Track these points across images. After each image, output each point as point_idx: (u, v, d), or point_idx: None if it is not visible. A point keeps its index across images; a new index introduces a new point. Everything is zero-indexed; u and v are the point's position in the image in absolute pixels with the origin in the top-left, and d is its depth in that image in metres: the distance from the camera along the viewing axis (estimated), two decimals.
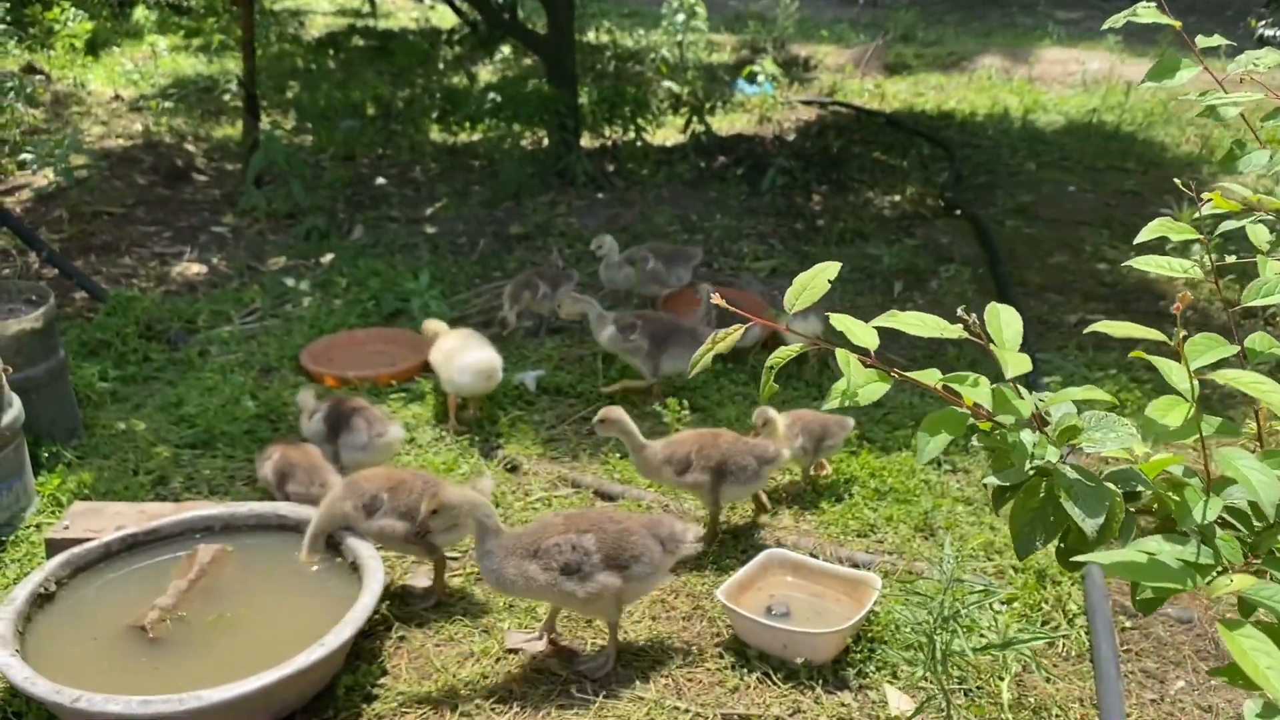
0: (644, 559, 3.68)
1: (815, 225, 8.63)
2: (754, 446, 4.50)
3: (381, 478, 4.12)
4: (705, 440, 4.47)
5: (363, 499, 4.00)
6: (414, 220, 8.66)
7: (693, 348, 5.44)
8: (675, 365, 5.61)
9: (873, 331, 1.81)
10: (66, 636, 3.60)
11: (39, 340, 4.92)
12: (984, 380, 1.80)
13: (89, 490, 4.72)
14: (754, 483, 4.49)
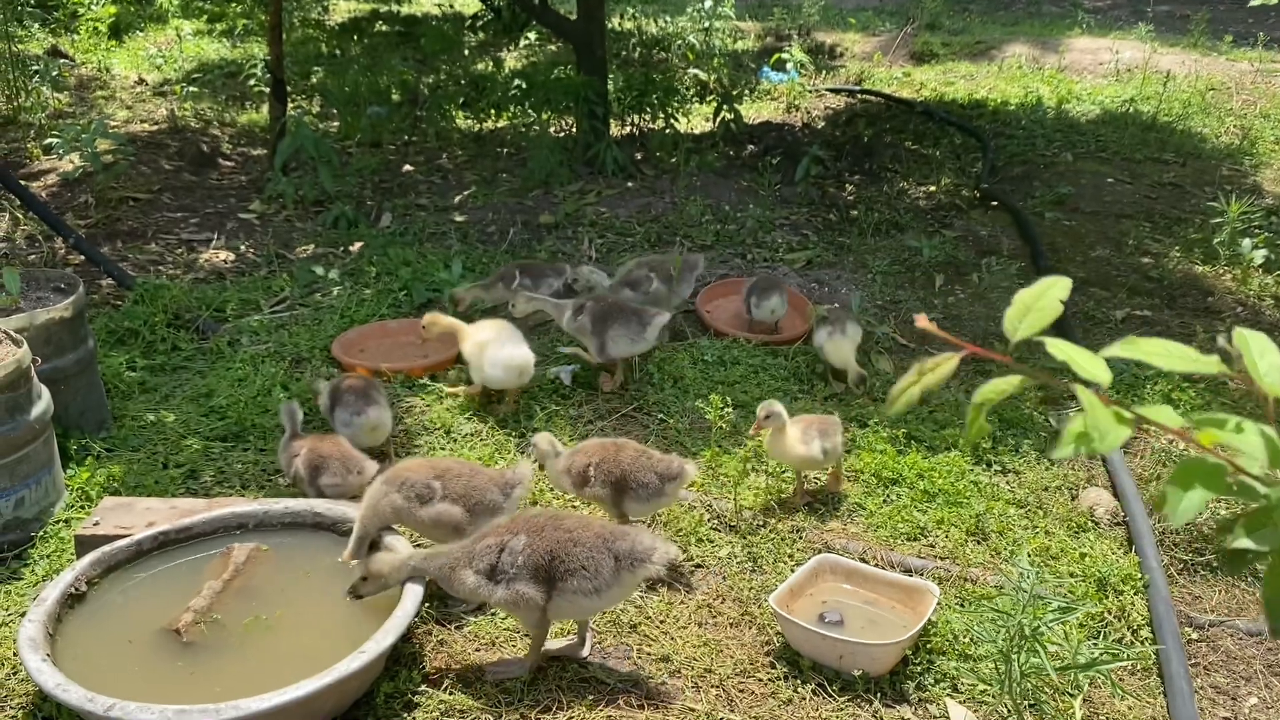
0: (584, 573, 3.40)
1: (849, 216, 8.45)
2: (657, 462, 4.21)
3: (425, 467, 4.01)
4: (607, 452, 4.24)
5: (414, 489, 3.89)
6: (442, 208, 8.53)
7: (635, 328, 5.41)
8: (620, 347, 5.48)
9: (1101, 363, 1.46)
10: (98, 639, 3.49)
11: (68, 330, 4.81)
12: (1250, 425, 1.40)
13: (118, 484, 4.62)
14: (658, 499, 4.20)
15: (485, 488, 3.99)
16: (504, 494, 4.02)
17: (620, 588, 3.48)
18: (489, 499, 3.98)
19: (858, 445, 5.07)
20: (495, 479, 4.05)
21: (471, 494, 3.95)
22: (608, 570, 3.43)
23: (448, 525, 3.93)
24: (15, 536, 4.22)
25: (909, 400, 1.51)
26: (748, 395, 5.48)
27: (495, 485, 4.02)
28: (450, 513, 3.92)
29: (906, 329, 6.48)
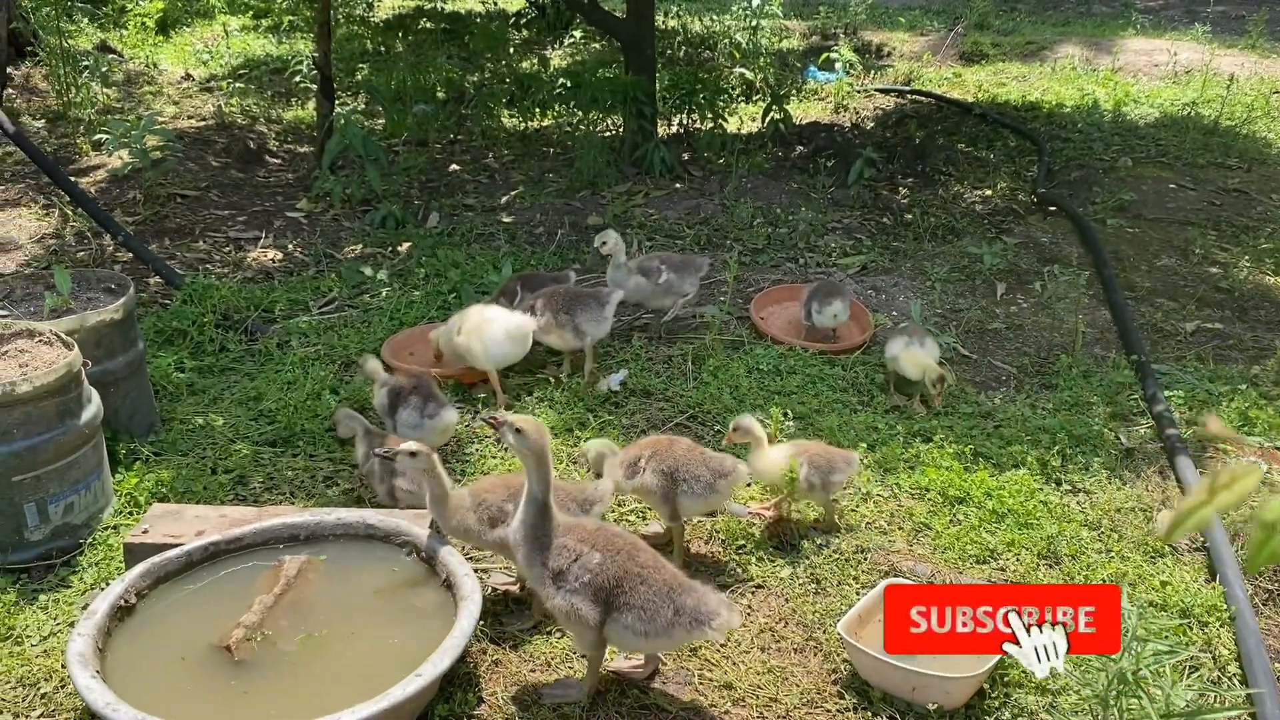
0: (640, 614, 3.27)
1: (903, 220, 8.26)
2: (710, 458, 4.13)
3: (501, 488, 3.89)
4: (660, 445, 4.18)
5: (489, 511, 3.77)
6: (490, 208, 8.42)
7: (598, 310, 5.49)
8: (595, 328, 5.54)
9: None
10: (148, 655, 3.40)
11: (118, 332, 4.74)
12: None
13: (167, 489, 4.54)
14: (710, 496, 4.11)
15: (564, 504, 3.86)
16: (583, 510, 3.90)
17: (671, 640, 3.34)
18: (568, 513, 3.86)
19: (922, 461, 4.89)
20: (575, 494, 3.92)
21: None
22: (663, 620, 3.28)
23: (507, 549, 3.80)
24: (64, 543, 4.15)
25: (1200, 523, 1.26)
26: (806, 406, 5.32)
27: (575, 501, 3.90)
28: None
29: (968, 339, 6.29)
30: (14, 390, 3.93)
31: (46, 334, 4.36)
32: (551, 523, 3.44)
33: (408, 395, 4.83)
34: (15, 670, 3.55)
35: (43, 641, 3.71)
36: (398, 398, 4.84)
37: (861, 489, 4.70)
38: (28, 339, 4.36)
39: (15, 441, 3.97)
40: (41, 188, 8.20)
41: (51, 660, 3.60)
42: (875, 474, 4.81)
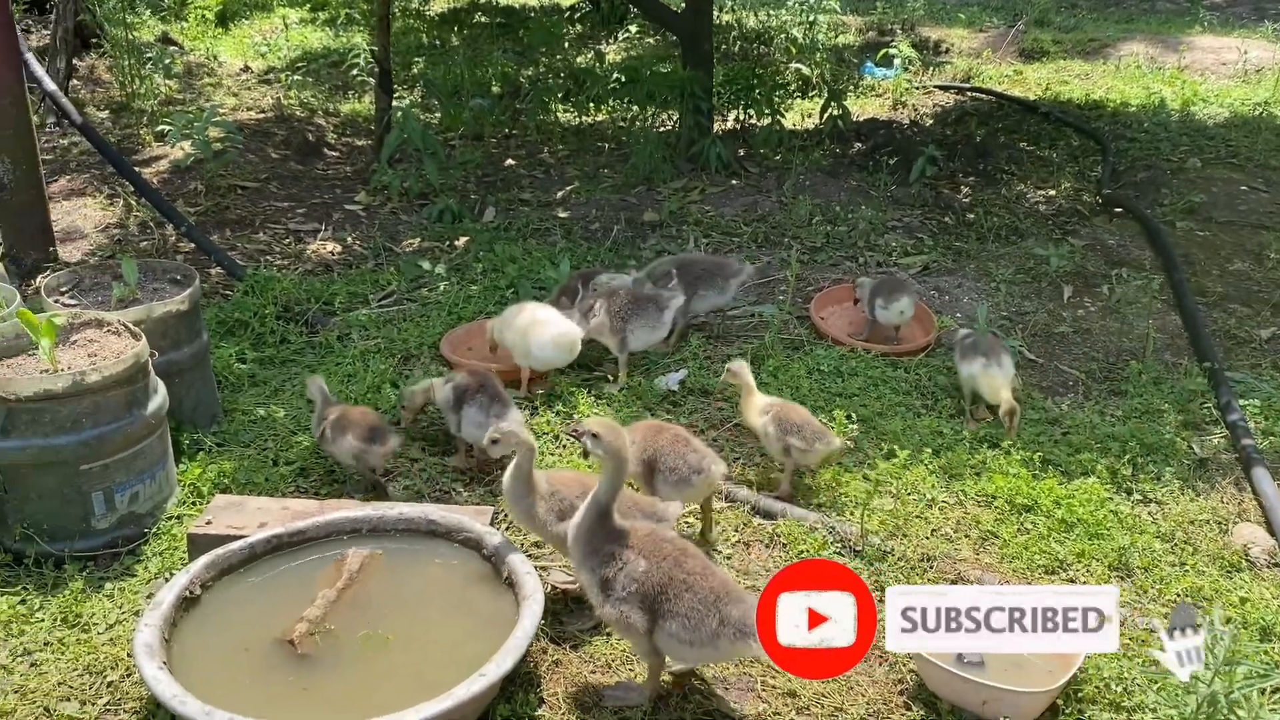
0: (685, 623, 3.21)
1: (965, 219, 8.11)
2: (691, 452, 4.17)
3: (576, 484, 3.86)
4: (648, 431, 4.29)
5: (561, 504, 3.74)
6: (545, 203, 8.40)
7: (655, 315, 5.41)
8: (641, 338, 5.53)
9: None
10: (213, 646, 3.41)
11: (184, 323, 4.77)
12: None
13: (229, 480, 4.56)
14: (685, 488, 4.17)
15: (629, 513, 3.81)
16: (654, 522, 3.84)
17: (716, 652, 3.26)
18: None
19: (988, 467, 4.79)
20: (645, 509, 3.86)
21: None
22: (708, 630, 3.21)
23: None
24: (129, 532, 4.18)
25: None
26: (868, 409, 5.23)
27: (644, 515, 3.83)
28: None
29: (1034, 342, 6.15)
30: (83, 380, 3.96)
31: (115, 324, 4.40)
32: (607, 529, 3.40)
33: (474, 393, 4.79)
34: (83, 658, 3.59)
35: (109, 630, 3.74)
36: (463, 395, 4.81)
37: (926, 495, 4.60)
38: (96, 329, 4.41)
39: (84, 430, 4.01)
40: (106, 178, 8.31)
41: (117, 649, 3.63)
42: (940, 480, 4.72)
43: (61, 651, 3.63)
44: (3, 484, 4.02)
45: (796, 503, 4.54)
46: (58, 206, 7.64)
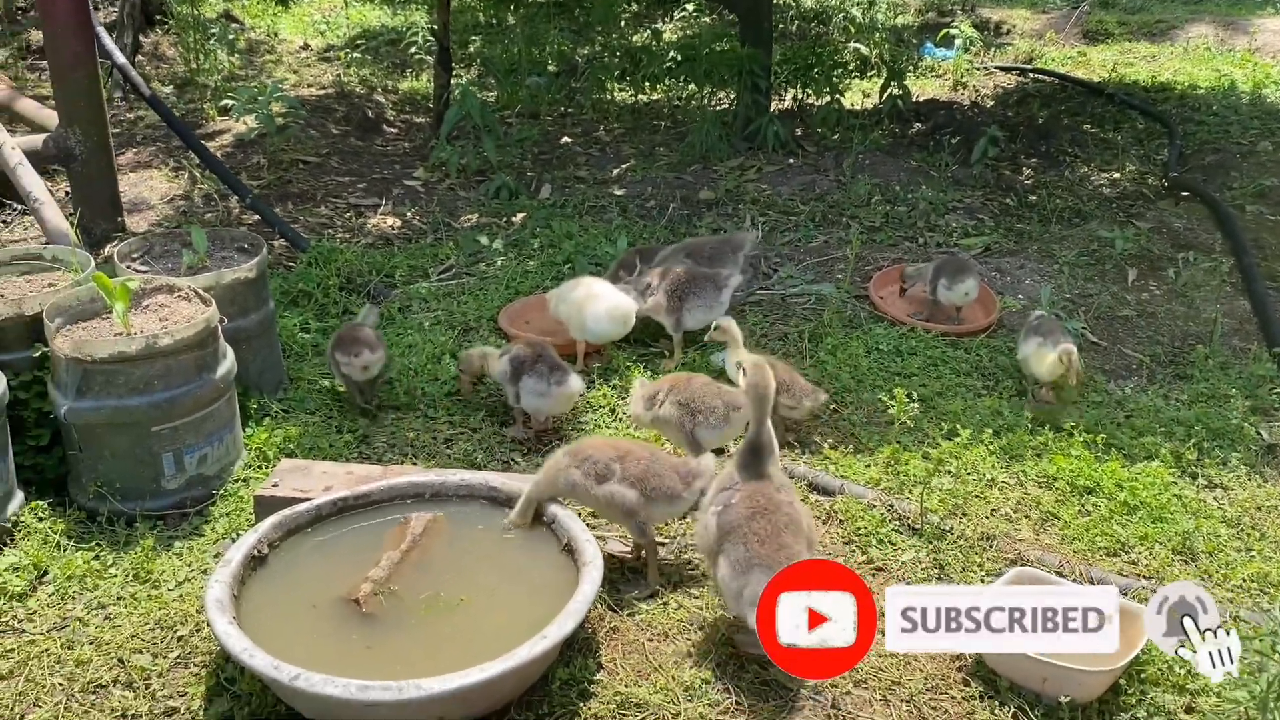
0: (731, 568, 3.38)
1: (1027, 201, 7.99)
2: (679, 464, 3.95)
3: (609, 447, 3.90)
4: (679, 380, 4.54)
5: (595, 466, 3.78)
6: (601, 181, 8.42)
7: (713, 294, 5.42)
8: (697, 318, 5.51)
9: None
10: (279, 604, 3.48)
11: (252, 290, 4.86)
12: None
13: (294, 446, 4.65)
14: (724, 427, 4.43)
15: (665, 474, 3.86)
16: (685, 483, 3.88)
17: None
18: (667, 485, 3.85)
19: (1050, 449, 4.74)
20: (677, 467, 3.90)
21: (649, 479, 3.83)
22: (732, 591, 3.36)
23: (620, 507, 3.81)
24: (198, 493, 4.28)
25: None
26: (927, 389, 5.19)
27: (676, 473, 3.88)
28: (624, 495, 3.79)
29: (1098, 325, 6.06)
30: (155, 343, 4.06)
31: (185, 290, 4.50)
32: (763, 464, 3.54)
33: (532, 364, 4.84)
34: (154, 613, 3.68)
35: (178, 586, 3.83)
36: (521, 366, 4.85)
37: (986, 475, 4.57)
38: (167, 294, 4.51)
39: (155, 393, 4.10)
40: (171, 151, 8.47)
41: (187, 605, 3.72)
42: (1000, 460, 4.68)
43: (134, 606, 3.72)
44: (78, 443, 4.14)
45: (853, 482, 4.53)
46: (125, 178, 7.79)
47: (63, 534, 4.06)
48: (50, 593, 3.79)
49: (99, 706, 3.30)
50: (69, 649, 3.51)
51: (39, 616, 3.68)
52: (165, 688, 3.38)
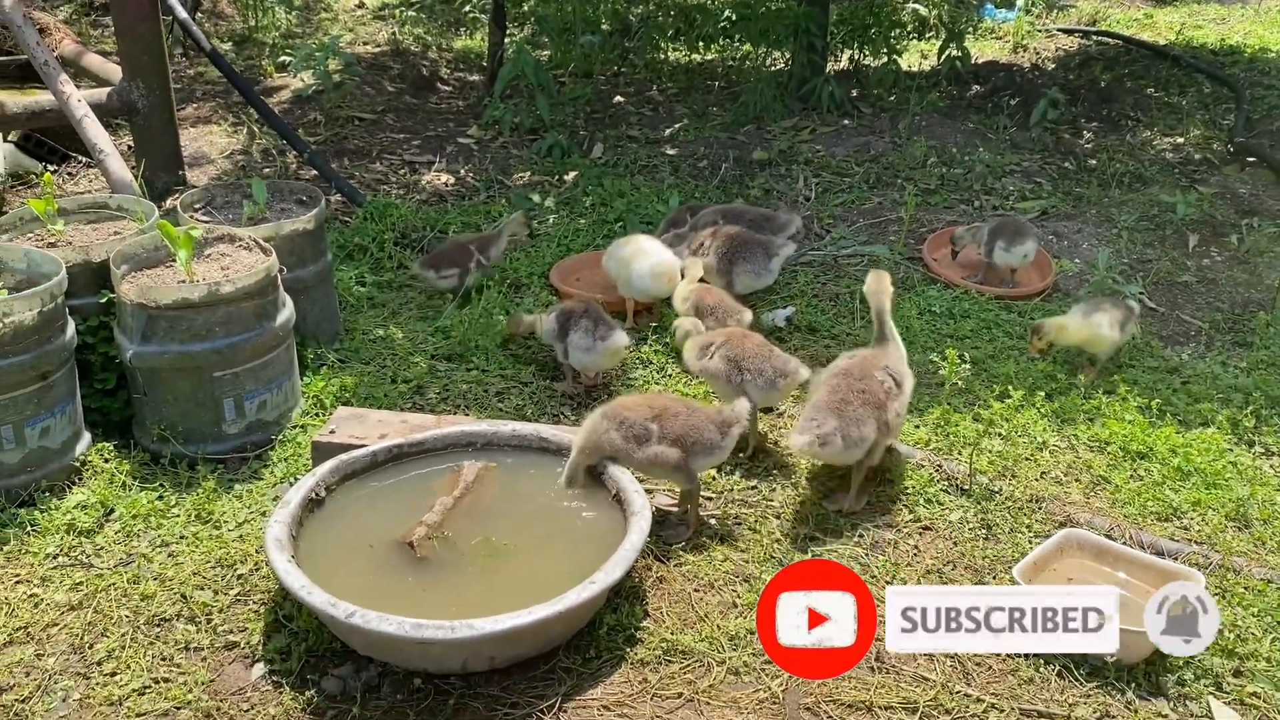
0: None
1: (1087, 165, 7.85)
2: (776, 357, 4.42)
3: (644, 406, 3.94)
4: (734, 335, 4.51)
5: (632, 430, 3.82)
6: (653, 140, 8.40)
7: (763, 261, 5.38)
8: (746, 283, 5.48)
9: None
10: (336, 544, 3.58)
11: (310, 241, 4.94)
12: None
13: (350, 395, 4.74)
14: (770, 391, 4.40)
15: (702, 426, 3.90)
16: (721, 433, 3.92)
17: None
18: (706, 438, 3.89)
19: (1102, 413, 4.69)
20: (713, 418, 3.94)
21: (689, 434, 3.87)
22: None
23: (665, 466, 3.85)
24: (257, 438, 4.39)
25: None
26: (980, 351, 5.16)
27: (713, 424, 3.92)
28: (667, 455, 3.84)
29: (1156, 291, 5.96)
30: (218, 290, 4.15)
31: (246, 239, 4.59)
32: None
33: (579, 318, 4.89)
34: (215, 552, 3.80)
35: (238, 527, 3.94)
36: (568, 320, 4.91)
37: (1037, 438, 4.54)
38: (228, 244, 4.60)
39: (217, 339, 4.20)
40: (230, 106, 8.59)
41: (246, 545, 3.83)
42: (1052, 424, 4.64)
43: (195, 545, 3.84)
44: (142, 387, 4.26)
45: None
46: (185, 133, 7.92)
47: (128, 475, 4.19)
48: (116, 530, 3.92)
49: (163, 638, 3.43)
50: (134, 584, 3.64)
51: (106, 552, 3.81)
52: (226, 623, 3.50)
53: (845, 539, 3.95)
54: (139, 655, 3.34)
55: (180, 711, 3.15)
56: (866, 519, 4.06)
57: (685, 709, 3.19)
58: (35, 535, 3.86)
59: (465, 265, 5.68)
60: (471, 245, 5.77)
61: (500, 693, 3.22)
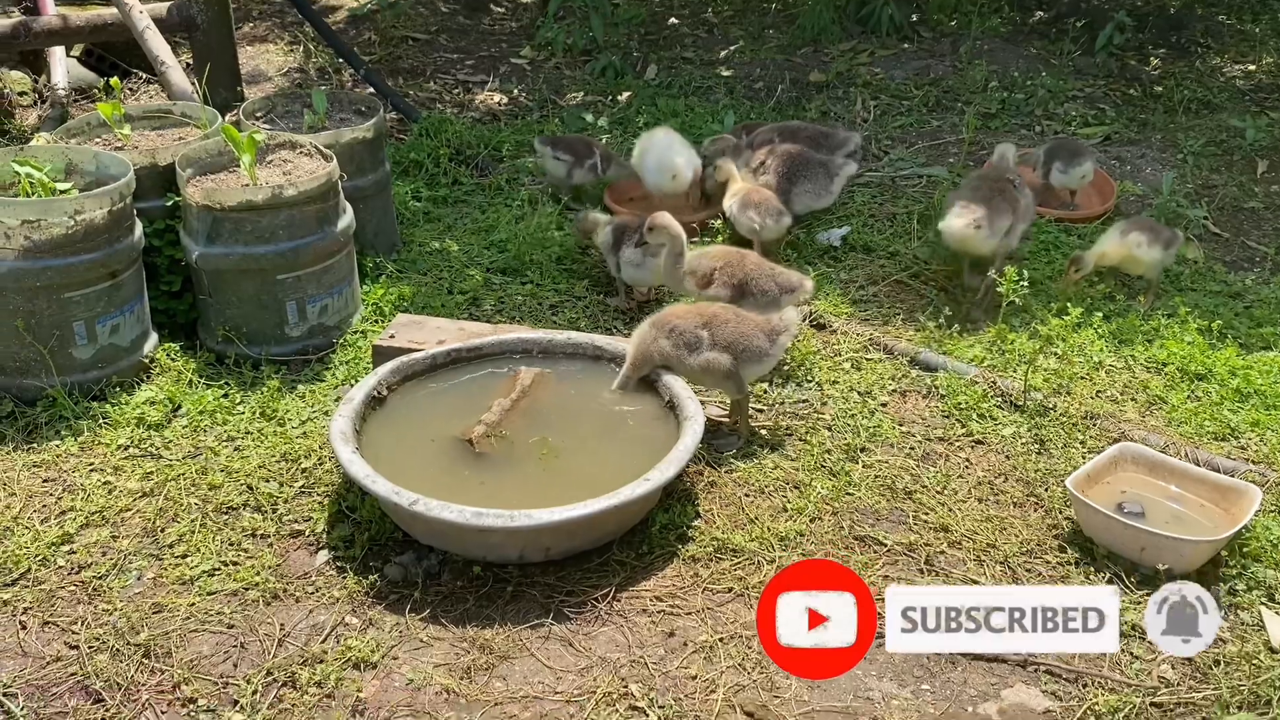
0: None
1: (1153, 91, 7.65)
2: (779, 274, 4.36)
3: (693, 314, 3.96)
4: (731, 257, 4.39)
5: (683, 338, 3.85)
6: (708, 62, 8.31)
7: (824, 181, 5.33)
8: (805, 203, 5.44)
9: None
10: (397, 440, 3.67)
11: (369, 150, 4.99)
12: None
13: (408, 303, 4.81)
14: (774, 309, 4.20)
15: (752, 334, 3.92)
16: (770, 340, 3.95)
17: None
18: (755, 345, 3.92)
19: (1161, 335, 4.64)
20: (762, 325, 3.96)
21: (739, 340, 3.90)
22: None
23: (717, 372, 3.88)
24: (319, 341, 4.48)
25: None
26: (1038, 272, 5.09)
27: (762, 332, 3.94)
28: (719, 360, 3.86)
29: (1221, 216, 5.84)
30: (281, 193, 4.21)
31: (307, 146, 4.64)
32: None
33: (632, 233, 4.91)
34: (279, 447, 3.91)
35: (301, 425, 4.05)
36: (622, 235, 4.92)
37: (1094, 358, 4.51)
38: (290, 150, 4.66)
39: (280, 242, 4.28)
40: (286, 25, 8.62)
41: (309, 441, 3.93)
42: (1110, 344, 4.60)
43: (261, 440, 3.96)
44: (208, 288, 4.36)
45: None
46: (242, 51, 7.95)
47: (194, 373, 4.31)
48: (184, 425, 4.04)
49: (230, 525, 3.55)
50: (202, 474, 3.76)
51: (174, 445, 3.94)
52: (290, 512, 3.61)
53: (896, 450, 3.97)
54: (208, 540, 3.47)
55: (248, 592, 3.28)
56: (918, 431, 4.08)
57: (735, 603, 3.26)
58: (107, 428, 4.00)
59: (581, 158, 5.72)
60: (597, 147, 5.82)
61: (556, 581, 3.31)
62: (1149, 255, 4.85)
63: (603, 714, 2.86)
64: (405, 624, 3.16)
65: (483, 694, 2.93)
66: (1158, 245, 4.84)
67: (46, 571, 3.34)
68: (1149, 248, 4.83)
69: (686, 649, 3.08)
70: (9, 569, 3.34)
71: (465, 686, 2.94)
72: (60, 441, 3.91)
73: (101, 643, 3.08)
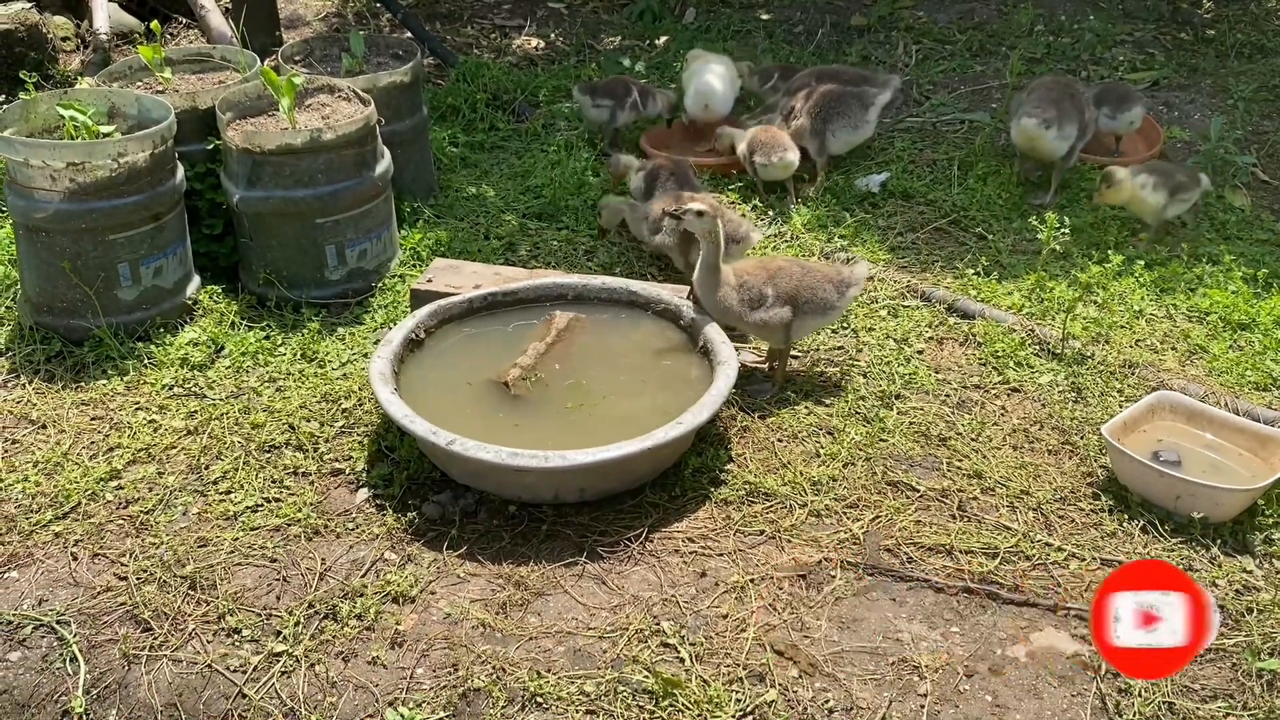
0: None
1: (1204, 35, 7.46)
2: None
3: (760, 270, 3.94)
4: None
5: (749, 294, 3.85)
6: (747, 5, 8.20)
7: (859, 112, 5.31)
8: (843, 140, 5.42)
9: None
10: (434, 382, 3.72)
11: (406, 95, 4.99)
12: None
13: (445, 249, 4.84)
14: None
15: (818, 285, 3.90)
16: (839, 292, 3.92)
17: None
18: (821, 297, 3.89)
19: (1204, 283, 4.58)
20: (831, 277, 3.94)
21: (802, 293, 3.88)
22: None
23: (777, 327, 3.87)
24: (358, 285, 4.53)
25: None
26: (1079, 219, 5.02)
27: (830, 283, 3.92)
28: (781, 315, 3.85)
29: (1270, 163, 5.71)
30: (320, 137, 4.24)
31: (345, 90, 4.66)
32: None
33: (665, 179, 4.89)
34: (320, 388, 3.97)
35: (341, 367, 4.11)
36: (654, 181, 4.91)
37: (1134, 306, 4.45)
38: (328, 94, 4.68)
39: (319, 186, 4.31)
40: None
41: (349, 383, 4.00)
42: (1150, 293, 4.55)
43: (301, 381, 4.03)
44: (249, 231, 4.42)
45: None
46: None
47: (236, 315, 4.38)
48: (227, 365, 4.12)
49: (273, 463, 3.63)
50: (245, 414, 3.84)
51: (218, 385, 4.01)
52: (331, 451, 3.68)
53: (931, 397, 3.97)
54: (251, 477, 3.55)
55: (290, 527, 3.36)
56: (953, 378, 4.07)
57: (766, 545, 3.29)
58: (152, 368, 4.08)
59: (621, 99, 5.71)
60: (634, 84, 5.82)
61: (590, 521, 3.36)
62: (1152, 199, 4.77)
63: (635, 649, 2.91)
64: (443, 560, 3.23)
65: (518, 628, 2.99)
66: (1163, 190, 4.76)
67: (95, 505, 3.45)
68: (1153, 191, 4.75)
69: (718, 589, 3.13)
70: (60, 503, 3.45)
71: (501, 621, 3.01)
72: (107, 381, 4.01)
73: (149, 574, 3.18)
